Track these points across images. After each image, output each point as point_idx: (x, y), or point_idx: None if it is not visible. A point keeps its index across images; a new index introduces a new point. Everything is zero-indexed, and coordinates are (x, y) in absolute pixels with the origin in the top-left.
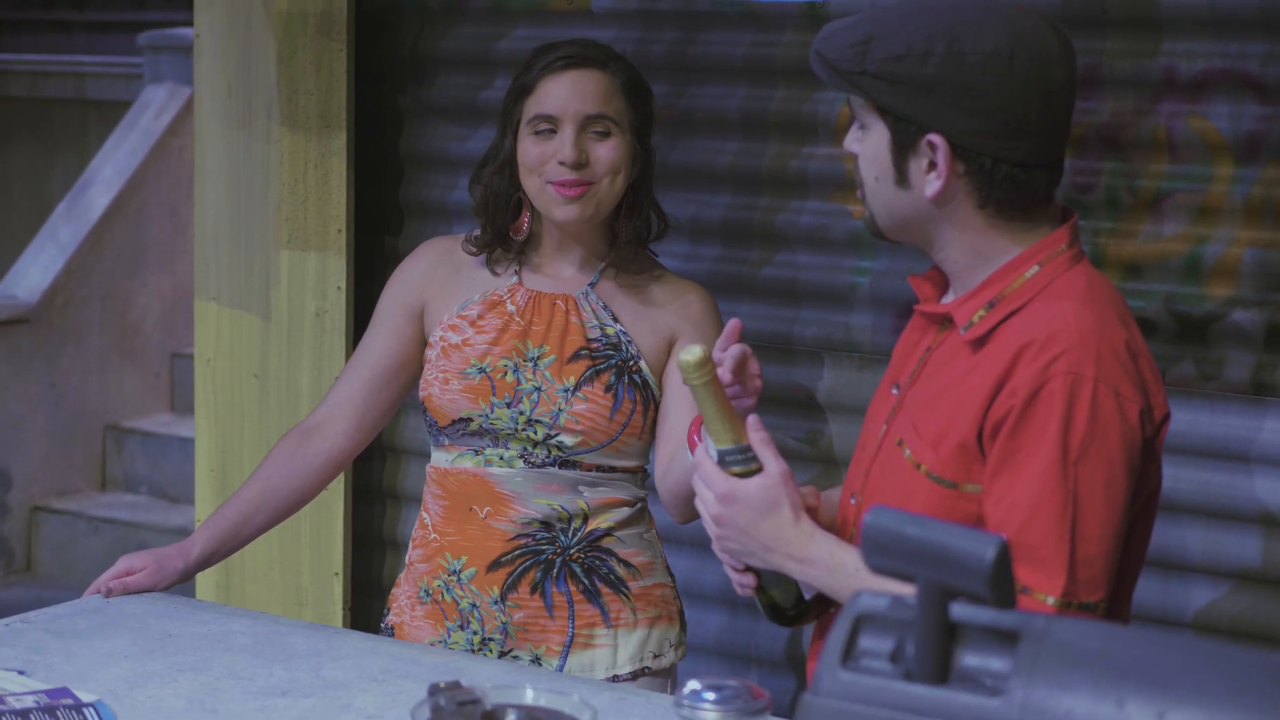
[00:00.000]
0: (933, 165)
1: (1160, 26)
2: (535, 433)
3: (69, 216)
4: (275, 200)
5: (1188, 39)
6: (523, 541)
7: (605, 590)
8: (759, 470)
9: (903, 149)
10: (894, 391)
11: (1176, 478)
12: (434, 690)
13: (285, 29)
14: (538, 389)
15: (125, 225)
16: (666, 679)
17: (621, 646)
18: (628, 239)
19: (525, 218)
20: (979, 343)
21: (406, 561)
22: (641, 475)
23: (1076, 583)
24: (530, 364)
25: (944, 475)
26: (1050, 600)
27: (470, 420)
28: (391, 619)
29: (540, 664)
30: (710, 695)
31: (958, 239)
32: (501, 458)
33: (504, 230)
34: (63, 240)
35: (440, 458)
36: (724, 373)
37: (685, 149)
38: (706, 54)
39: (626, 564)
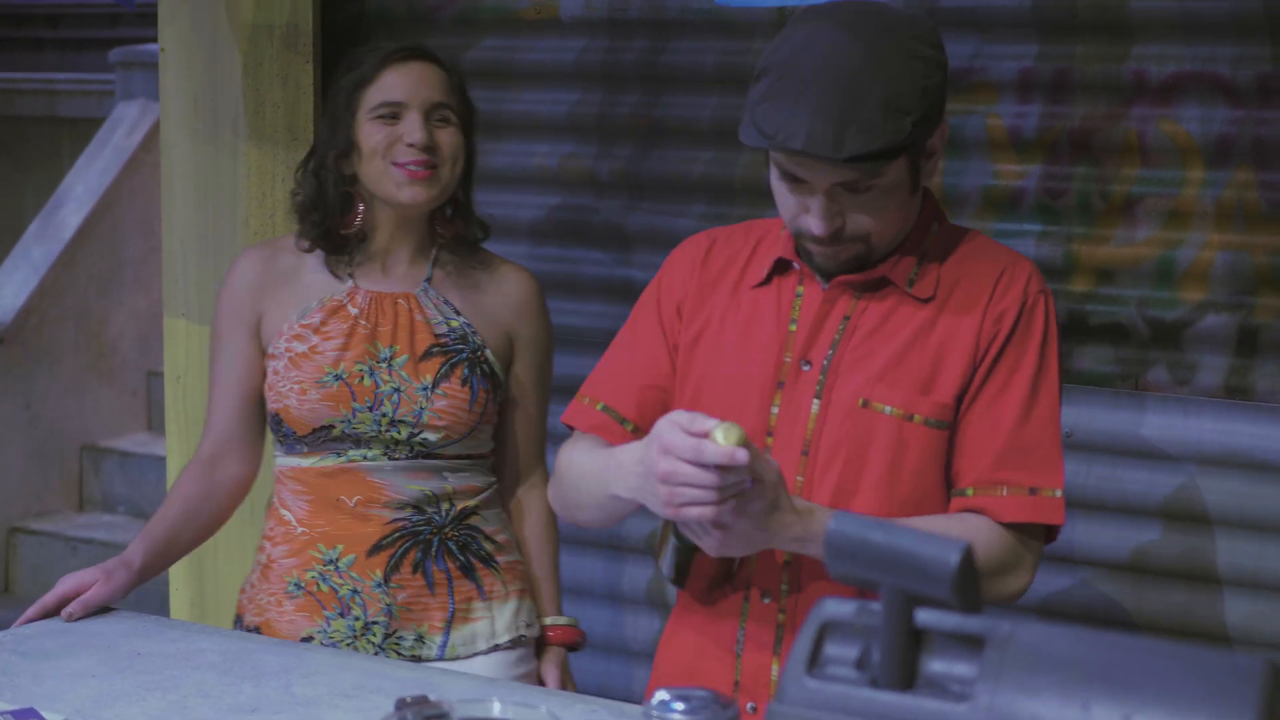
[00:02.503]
0: (932, 153)
1: (1130, 30)
2: (399, 433)
3: (42, 236)
4: (244, 214)
5: (1158, 42)
6: (400, 524)
7: (479, 565)
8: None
9: (918, 161)
10: (805, 367)
11: (1151, 482)
12: (400, 705)
13: (251, 41)
14: (397, 390)
15: (99, 244)
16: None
17: (497, 617)
18: (459, 238)
19: (358, 211)
20: (930, 295)
21: (260, 562)
22: (490, 460)
23: (1064, 474)
24: (384, 365)
25: (943, 418)
26: (1058, 494)
27: (332, 427)
28: (251, 620)
29: (424, 642)
30: (679, 705)
31: (911, 213)
32: (365, 457)
33: (332, 226)
34: (36, 260)
35: (297, 460)
36: None
37: (658, 159)
38: (676, 62)
39: (492, 540)
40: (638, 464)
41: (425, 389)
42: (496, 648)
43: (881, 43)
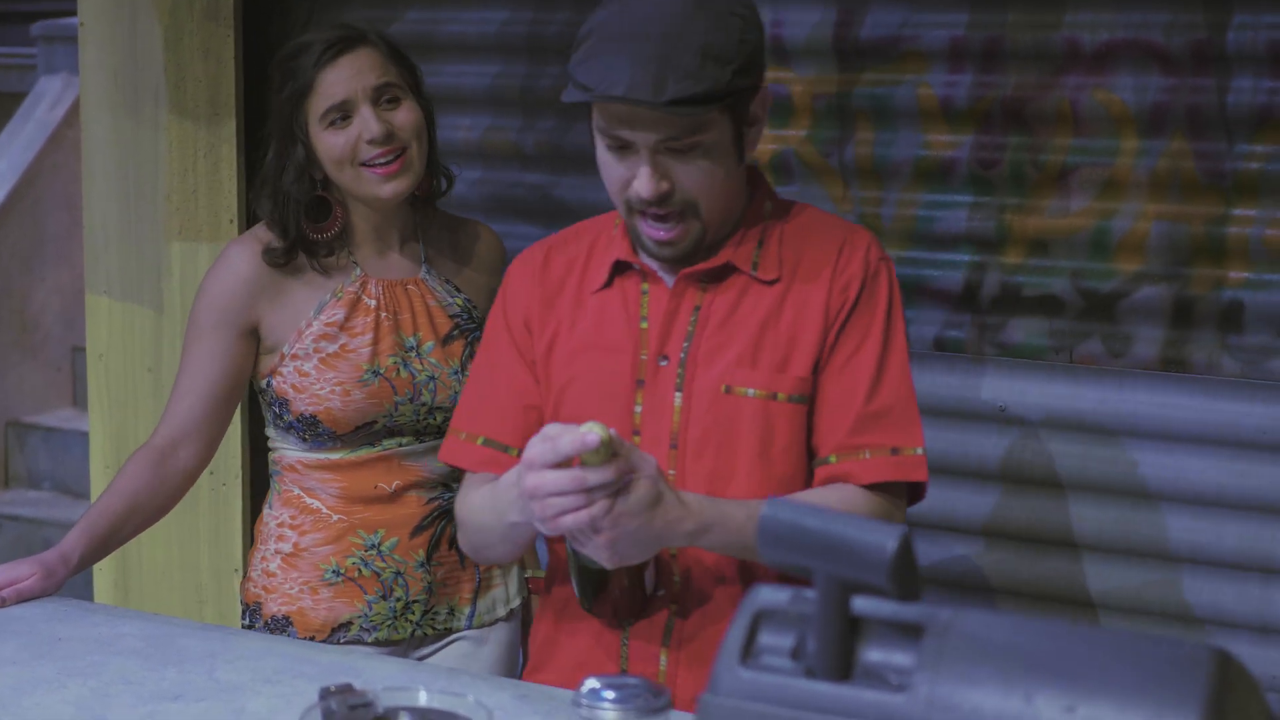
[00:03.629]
0: (755, 121)
1: None
2: (435, 419)
3: None
4: (165, 190)
5: (1090, 10)
6: (436, 504)
7: None
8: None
9: (741, 123)
10: (662, 362)
11: (1087, 456)
12: (325, 694)
13: (171, 14)
14: (432, 378)
15: (21, 219)
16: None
17: (510, 581)
18: (431, 194)
19: (337, 214)
20: (775, 277)
21: (282, 550)
22: None
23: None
24: (414, 354)
25: (804, 393)
26: (919, 451)
27: (374, 423)
28: (277, 609)
29: (454, 614)
30: (610, 694)
31: (740, 188)
32: (400, 444)
33: (303, 235)
34: None
35: (325, 454)
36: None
37: (582, 132)
38: None
39: None
40: (514, 486)
41: (456, 373)
42: (511, 613)
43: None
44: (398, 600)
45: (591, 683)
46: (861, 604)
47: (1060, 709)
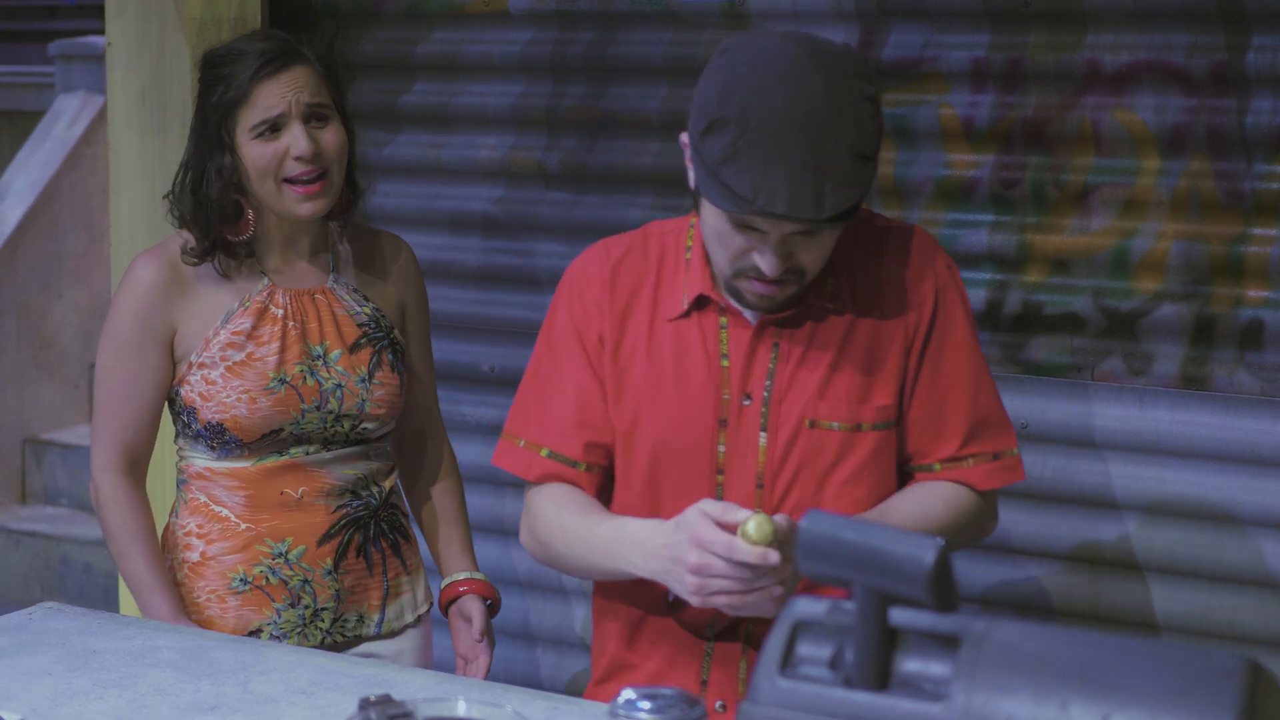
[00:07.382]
0: None
1: (1083, 19)
2: (342, 426)
3: None
4: None
5: (1111, 31)
6: (344, 511)
7: (401, 541)
8: None
9: None
10: (746, 402)
11: (1108, 473)
12: (364, 704)
13: (199, 35)
14: (339, 386)
15: (39, 237)
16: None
17: (417, 587)
18: (340, 211)
19: (249, 218)
20: (849, 307)
21: (189, 560)
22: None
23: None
24: (321, 363)
25: (889, 419)
26: (1015, 452)
27: (280, 430)
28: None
29: (364, 621)
30: (645, 704)
31: None
32: (306, 452)
33: (221, 237)
34: None
35: (232, 463)
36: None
37: (606, 150)
38: (625, 54)
39: (406, 515)
40: (663, 549)
41: (364, 381)
42: (420, 618)
43: (836, 87)
44: (306, 608)
45: (628, 693)
46: (899, 615)
47: (1095, 717)
